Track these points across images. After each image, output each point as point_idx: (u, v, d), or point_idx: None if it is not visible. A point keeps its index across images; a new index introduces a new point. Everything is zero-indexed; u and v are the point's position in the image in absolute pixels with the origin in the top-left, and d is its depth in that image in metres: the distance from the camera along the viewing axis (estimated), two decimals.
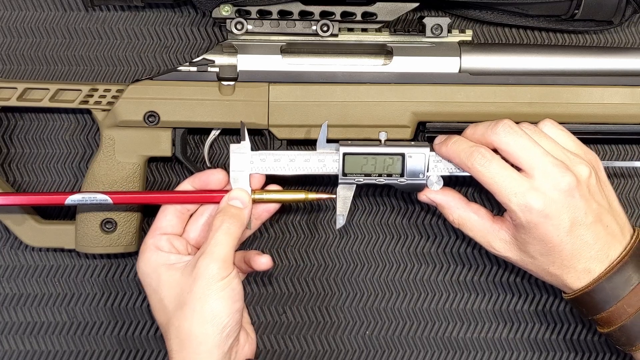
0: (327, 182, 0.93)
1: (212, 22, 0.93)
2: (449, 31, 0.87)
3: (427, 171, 0.84)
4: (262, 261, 0.84)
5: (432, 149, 0.84)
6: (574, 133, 0.85)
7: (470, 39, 0.88)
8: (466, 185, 0.93)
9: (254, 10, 0.86)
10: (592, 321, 0.82)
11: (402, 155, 0.84)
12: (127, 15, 0.93)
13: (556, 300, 0.94)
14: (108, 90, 0.87)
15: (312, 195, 0.86)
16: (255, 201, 0.85)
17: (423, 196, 0.85)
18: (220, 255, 0.79)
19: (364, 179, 0.84)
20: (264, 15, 0.86)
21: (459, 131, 0.85)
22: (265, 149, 0.89)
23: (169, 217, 0.85)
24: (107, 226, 0.88)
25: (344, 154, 0.84)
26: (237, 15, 0.86)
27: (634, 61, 0.88)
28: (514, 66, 0.87)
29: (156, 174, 0.94)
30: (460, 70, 0.87)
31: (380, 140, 0.85)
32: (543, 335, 0.94)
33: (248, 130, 0.88)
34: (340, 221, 0.85)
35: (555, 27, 0.91)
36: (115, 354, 0.94)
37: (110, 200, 0.84)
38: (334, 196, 0.87)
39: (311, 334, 0.94)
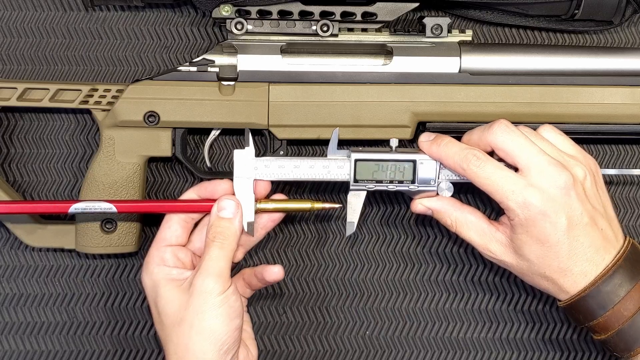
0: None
1: (212, 22, 0.93)
2: (449, 31, 0.87)
3: (438, 178, 0.83)
4: (274, 270, 0.84)
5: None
6: (574, 133, 0.85)
7: (470, 39, 0.88)
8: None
9: (254, 10, 0.86)
10: (588, 328, 0.81)
11: (414, 162, 0.83)
12: (127, 15, 0.93)
13: (556, 300, 0.94)
14: (108, 90, 0.87)
15: (318, 205, 0.86)
16: (260, 211, 0.84)
17: (419, 206, 0.84)
18: (215, 269, 0.79)
19: (375, 186, 0.84)
20: (264, 15, 0.86)
21: (459, 131, 0.85)
22: (265, 149, 0.89)
23: (173, 227, 0.84)
24: (107, 226, 0.88)
25: (356, 160, 0.83)
26: (237, 15, 0.86)
27: (634, 61, 0.88)
28: (514, 66, 0.87)
29: (156, 174, 0.94)
30: (460, 70, 0.87)
31: (391, 147, 0.84)
32: (543, 335, 0.94)
33: None
34: (351, 228, 0.85)
35: (555, 27, 0.91)
36: (115, 354, 0.94)
37: (114, 209, 0.84)
38: (340, 205, 0.87)
39: (311, 334, 0.94)
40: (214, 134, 0.90)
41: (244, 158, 0.83)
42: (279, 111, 0.86)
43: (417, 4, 0.86)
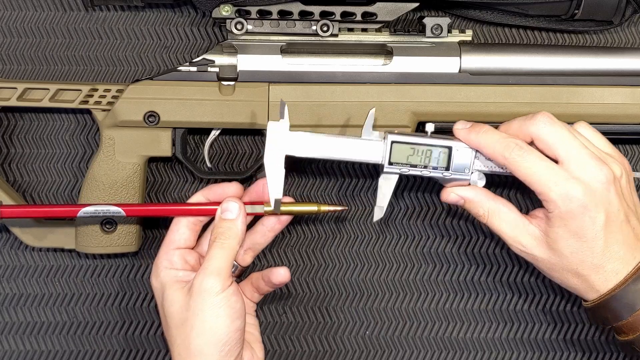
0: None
1: (212, 22, 0.93)
2: (449, 31, 0.87)
3: (473, 166, 0.82)
4: (281, 272, 0.84)
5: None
6: None
7: (470, 39, 0.88)
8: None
9: (254, 10, 0.86)
10: (614, 329, 0.80)
11: (450, 148, 0.82)
12: (127, 15, 0.93)
13: (556, 300, 0.94)
14: (108, 90, 0.87)
15: (325, 208, 0.85)
16: (268, 213, 0.85)
17: (451, 195, 0.83)
18: (214, 269, 0.79)
19: (409, 170, 0.82)
20: (264, 15, 0.86)
21: None
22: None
23: (182, 230, 0.85)
24: (107, 226, 0.88)
25: (392, 142, 0.82)
26: (237, 15, 0.86)
27: (634, 61, 0.88)
28: (514, 66, 0.87)
29: (156, 174, 0.94)
30: (460, 70, 0.87)
31: (426, 132, 0.83)
32: (543, 335, 0.94)
33: (247, 130, 0.89)
34: (379, 214, 0.83)
35: (555, 27, 0.91)
36: (115, 353, 0.94)
37: (123, 213, 0.84)
38: (347, 208, 0.87)
39: (311, 334, 0.94)
40: (214, 134, 0.90)
41: (278, 131, 0.81)
42: (279, 111, 0.86)
43: (417, 4, 0.86)
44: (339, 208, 0.86)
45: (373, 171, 0.93)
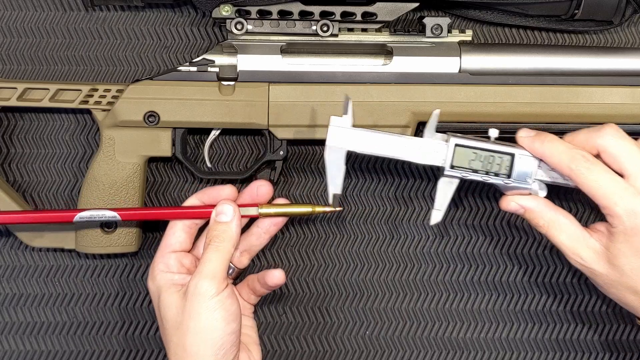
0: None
1: (212, 22, 0.93)
2: (449, 31, 0.87)
3: (535, 176, 0.81)
4: (276, 274, 0.84)
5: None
6: None
7: (470, 39, 0.88)
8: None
9: (254, 10, 0.86)
10: None
11: (512, 155, 0.81)
12: (127, 15, 0.93)
13: (556, 301, 0.94)
14: (108, 90, 0.87)
15: (319, 209, 0.85)
16: (262, 215, 0.85)
17: (512, 203, 0.81)
18: (209, 272, 0.79)
19: (470, 175, 0.81)
20: (264, 15, 0.86)
21: (459, 131, 0.85)
22: (265, 149, 0.89)
23: (177, 233, 0.85)
24: (107, 226, 0.88)
25: (456, 145, 0.81)
26: (237, 15, 0.86)
27: (634, 61, 0.88)
28: (514, 66, 0.87)
29: (156, 174, 0.94)
30: (460, 70, 0.87)
31: (489, 137, 0.82)
32: (543, 335, 0.94)
33: (247, 130, 0.89)
34: (437, 217, 0.82)
35: (555, 27, 0.91)
36: (115, 353, 0.94)
37: (119, 217, 0.84)
38: (341, 209, 0.87)
39: (311, 334, 0.94)
40: (214, 134, 0.90)
41: (340, 126, 0.81)
42: (279, 111, 0.86)
43: (417, 4, 0.86)
44: (334, 209, 0.86)
45: (373, 170, 0.93)
